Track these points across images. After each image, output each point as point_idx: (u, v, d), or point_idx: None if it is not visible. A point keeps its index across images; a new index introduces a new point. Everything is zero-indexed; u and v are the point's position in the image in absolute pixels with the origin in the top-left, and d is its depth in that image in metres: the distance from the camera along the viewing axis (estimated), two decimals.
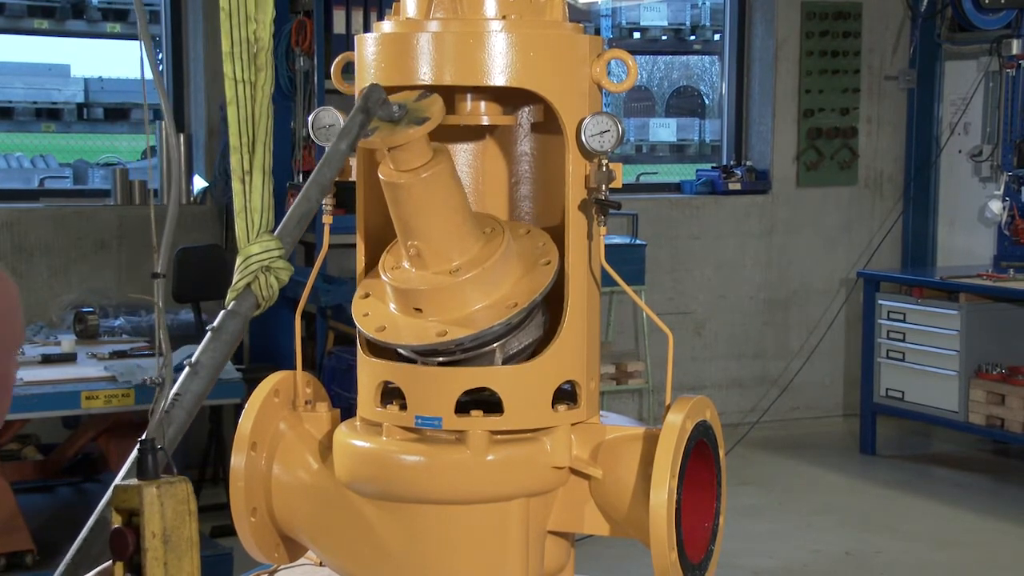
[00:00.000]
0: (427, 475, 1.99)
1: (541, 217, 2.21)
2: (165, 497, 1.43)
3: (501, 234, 2.01)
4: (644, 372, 7.55)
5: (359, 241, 2.13)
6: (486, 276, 1.97)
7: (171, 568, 1.43)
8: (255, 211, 1.68)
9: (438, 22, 2.01)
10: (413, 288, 1.99)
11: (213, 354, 1.61)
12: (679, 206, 8.16)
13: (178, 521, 1.44)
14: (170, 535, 1.43)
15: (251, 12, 1.64)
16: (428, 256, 1.97)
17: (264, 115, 1.67)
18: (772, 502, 6.58)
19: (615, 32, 8.96)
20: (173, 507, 1.44)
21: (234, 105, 1.66)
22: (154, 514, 1.43)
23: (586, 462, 2.04)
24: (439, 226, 1.96)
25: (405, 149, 1.90)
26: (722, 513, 2.11)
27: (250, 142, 1.66)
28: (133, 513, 1.45)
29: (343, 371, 5.95)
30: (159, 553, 1.43)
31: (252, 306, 1.66)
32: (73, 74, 8.82)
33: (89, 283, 6.88)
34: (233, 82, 1.66)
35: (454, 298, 1.98)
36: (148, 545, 1.42)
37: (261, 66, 1.66)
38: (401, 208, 1.95)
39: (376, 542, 2.05)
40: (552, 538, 2.11)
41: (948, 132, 8.32)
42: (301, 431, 2.19)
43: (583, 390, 2.06)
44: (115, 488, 1.45)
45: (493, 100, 2.10)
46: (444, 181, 1.94)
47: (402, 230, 1.98)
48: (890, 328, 7.40)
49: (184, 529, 1.45)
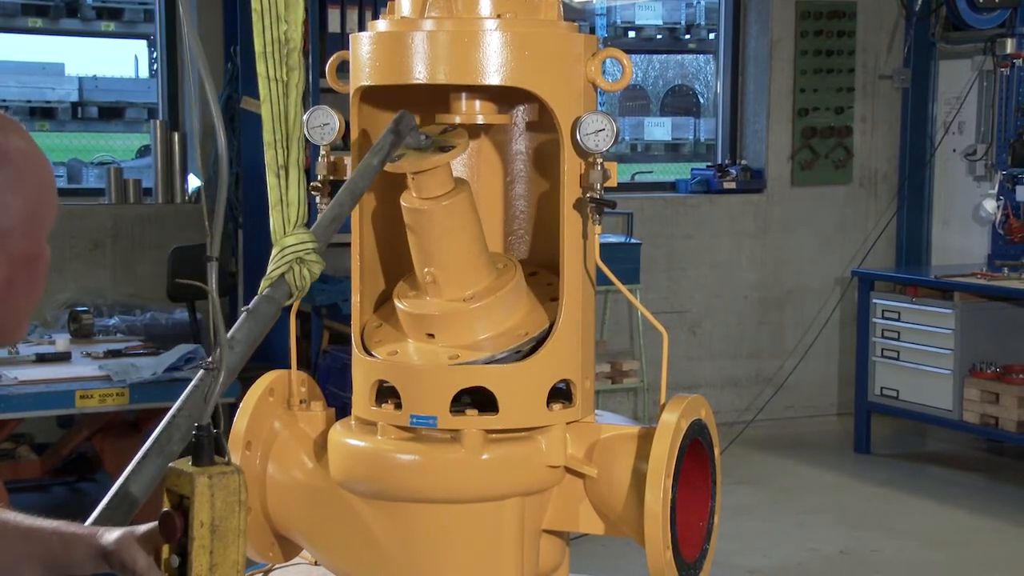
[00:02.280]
0: (422, 474, 1.99)
1: (536, 216, 2.21)
2: (216, 488, 1.44)
3: (513, 269, 2.07)
4: (639, 371, 7.55)
5: (354, 264, 2.13)
6: (499, 305, 2.01)
7: (216, 556, 1.44)
8: (292, 205, 1.73)
9: (433, 21, 2.01)
10: (426, 313, 2.01)
11: (248, 332, 1.63)
12: (674, 205, 8.16)
13: (227, 512, 1.45)
14: (218, 525, 1.44)
15: (281, 13, 1.68)
16: (443, 283, 2.01)
17: (297, 113, 1.71)
18: (767, 501, 6.59)
19: (610, 31, 8.96)
20: (224, 498, 1.44)
21: (268, 103, 1.71)
22: (204, 504, 1.43)
23: (581, 461, 2.04)
24: (456, 254, 2.00)
25: (429, 177, 1.96)
26: (717, 512, 2.11)
27: (284, 138, 1.71)
28: (184, 497, 1.45)
29: (338, 370, 5.94)
30: (206, 542, 1.43)
31: (285, 294, 1.69)
32: (67, 73, 8.81)
33: (83, 282, 6.87)
34: (266, 80, 1.70)
35: (466, 325, 2.01)
36: (196, 534, 1.43)
37: (293, 65, 1.71)
38: (421, 235, 2.00)
39: (371, 541, 2.05)
40: (547, 537, 2.11)
41: (942, 131, 8.32)
42: (296, 430, 2.19)
43: (578, 389, 2.06)
44: (169, 470, 1.46)
45: (488, 99, 2.10)
46: (463, 210, 2.00)
47: (419, 257, 2.02)
48: (885, 327, 7.40)
49: (233, 519, 1.45)
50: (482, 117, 2.10)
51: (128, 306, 6.83)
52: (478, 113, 2.09)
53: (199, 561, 1.43)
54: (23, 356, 5.13)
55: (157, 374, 4.77)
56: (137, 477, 1.54)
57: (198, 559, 1.43)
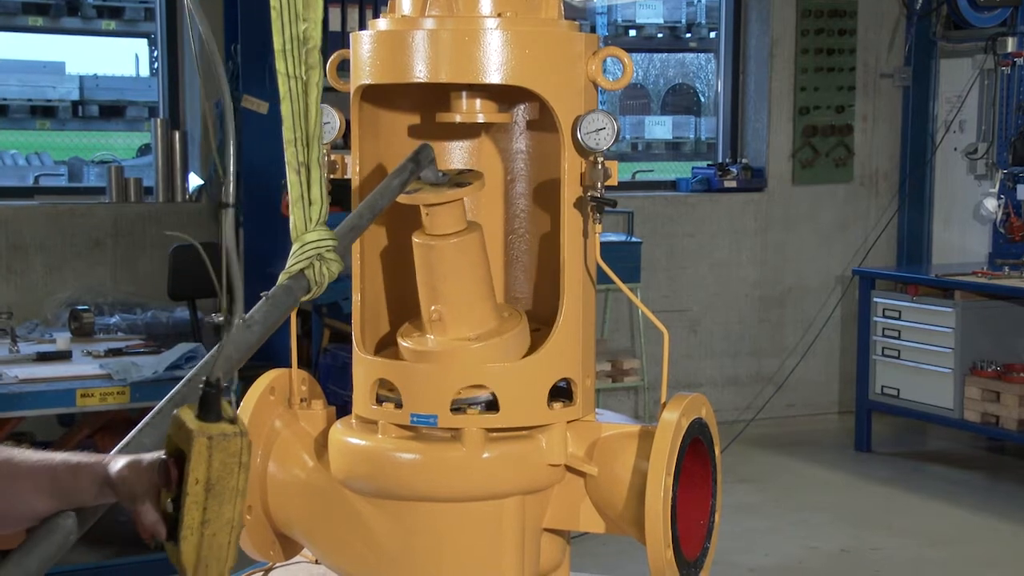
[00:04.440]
0: (423, 473, 1.99)
1: (536, 215, 2.21)
2: (216, 449, 1.41)
3: (519, 317, 2.08)
4: (640, 370, 7.55)
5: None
6: (503, 346, 2.02)
7: (210, 513, 1.42)
8: (315, 203, 1.72)
9: (433, 20, 2.01)
10: (430, 350, 2.01)
11: (266, 314, 1.62)
12: (675, 204, 8.16)
13: (225, 472, 1.42)
14: (214, 484, 1.42)
15: (300, 11, 1.69)
16: (449, 322, 2.02)
17: (317, 110, 1.71)
18: (767, 499, 6.59)
19: (610, 30, 8.95)
20: (222, 459, 1.42)
21: (287, 100, 1.71)
22: (200, 463, 1.41)
23: (582, 459, 2.04)
24: (464, 292, 2.02)
25: (444, 213, 1.98)
26: (717, 510, 2.11)
27: (304, 136, 1.71)
28: (182, 449, 1.43)
29: (338, 369, 5.94)
30: (199, 498, 1.41)
31: (304, 288, 1.69)
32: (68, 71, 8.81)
33: (84, 281, 6.87)
34: (286, 78, 1.70)
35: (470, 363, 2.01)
36: (189, 490, 1.41)
37: (313, 63, 1.71)
38: (431, 271, 2.01)
39: (371, 540, 2.05)
40: (548, 536, 2.11)
41: (943, 130, 8.32)
42: (296, 429, 2.19)
43: (579, 387, 2.06)
44: (173, 417, 1.44)
45: (489, 98, 2.10)
46: (474, 250, 2.02)
47: (427, 294, 2.03)
48: (885, 326, 7.40)
49: (231, 480, 1.43)
50: (482, 116, 2.10)
51: (129, 305, 6.83)
52: (478, 112, 2.09)
53: (191, 515, 1.41)
54: (24, 355, 5.13)
55: (158, 373, 4.77)
56: (151, 431, 1.52)
57: (190, 513, 1.41)
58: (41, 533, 1.42)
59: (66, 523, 1.43)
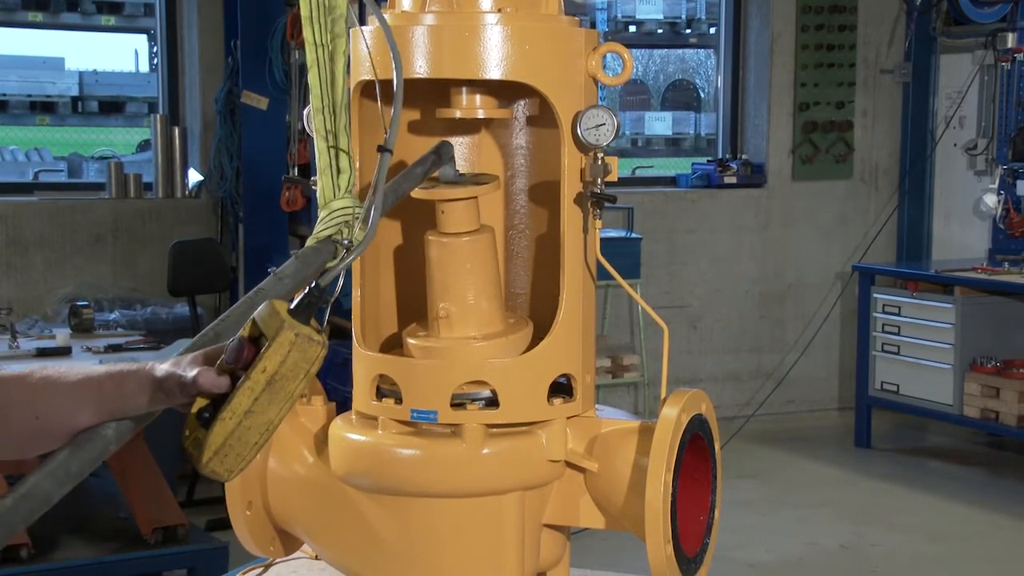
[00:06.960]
0: (423, 468, 1.99)
1: (536, 211, 2.21)
2: (296, 347, 1.40)
3: (525, 323, 2.10)
4: (640, 366, 7.55)
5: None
6: (508, 346, 2.03)
7: (258, 405, 1.40)
8: (344, 172, 1.72)
9: (433, 15, 2.00)
10: (433, 347, 2.01)
11: (296, 270, 1.62)
12: (674, 200, 8.16)
13: (293, 373, 1.41)
14: (278, 380, 1.40)
15: None
16: (456, 320, 2.03)
17: (343, 79, 1.72)
18: (767, 495, 6.59)
19: (610, 25, 8.94)
20: (296, 360, 1.41)
21: (315, 68, 1.72)
22: (276, 355, 1.40)
23: (582, 455, 2.04)
24: (473, 291, 2.03)
25: (460, 211, 2.00)
26: (717, 506, 2.11)
27: (331, 104, 1.71)
28: (263, 336, 1.42)
29: (338, 364, 5.92)
30: (257, 387, 1.40)
31: (331, 253, 1.68)
32: (67, 67, 8.80)
33: (84, 276, 6.88)
34: (313, 46, 1.71)
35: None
36: (253, 375, 1.40)
37: (339, 32, 1.71)
38: (442, 269, 2.03)
39: (372, 535, 2.05)
40: (548, 531, 2.11)
41: (943, 126, 8.32)
42: (296, 425, 2.19)
43: (579, 383, 2.06)
44: (267, 303, 1.44)
45: (488, 93, 2.09)
46: (485, 249, 2.04)
47: (436, 292, 2.04)
48: (885, 321, 7.40)
49: (292, 383, 1.42)
50: (482, 111, 2.09)
51: (129, 300, 6.83)
52: (478, 107, 2.09)
53: (241, 399, 1.40)
54: (23, 350, 5.14)
55: None
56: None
57: (242, 396, 1.40)
58: (82, 439, 1.42)
59: (106, 432, 1.43)
